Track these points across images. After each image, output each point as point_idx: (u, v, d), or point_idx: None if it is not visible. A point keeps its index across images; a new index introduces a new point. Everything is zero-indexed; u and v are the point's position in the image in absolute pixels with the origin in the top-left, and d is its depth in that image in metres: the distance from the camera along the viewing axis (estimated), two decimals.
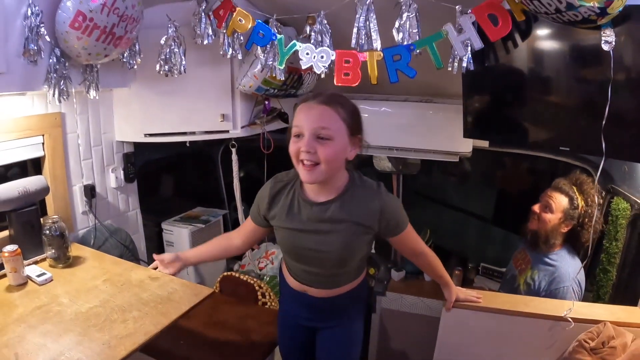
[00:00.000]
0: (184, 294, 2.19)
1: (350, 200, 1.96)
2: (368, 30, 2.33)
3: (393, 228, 2.02)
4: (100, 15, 2.15)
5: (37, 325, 1.92)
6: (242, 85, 2.93)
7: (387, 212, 1.95)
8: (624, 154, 2.47)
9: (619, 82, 2.16)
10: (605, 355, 2.53)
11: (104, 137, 3.02)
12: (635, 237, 2.97)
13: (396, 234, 2.04)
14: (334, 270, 2.11)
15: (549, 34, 2.36)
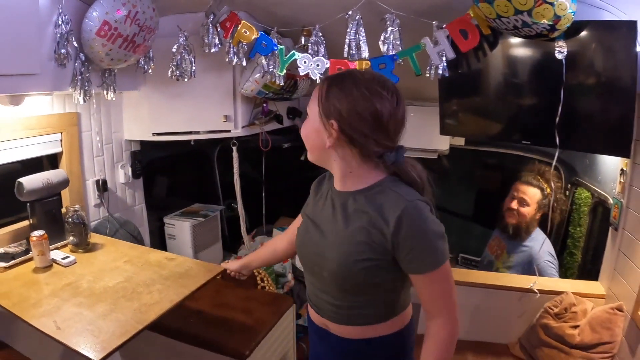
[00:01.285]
0: (199, 271, 2.36)
1: (373, 197, 1.64)
2: (358, 42, 2.59)
3: (411, 257, 1.57)
4: (124, 25, 2.36)
5: (70, 298, 2.06)
6: (245, 89, 3.15)
7: (406, 226, 1.54)
8: (575, 146, 2.79)
9: (571, 85, 2.50)
10: (568, 319, 2.84)
11: (114, 136, 3.22)
12: (596, 223, 3.28)
13: (415, 269, 1.60)
14: (339, 291, 1.74)
15: (512, 46, 2.69)
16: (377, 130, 1.58)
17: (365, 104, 1.57)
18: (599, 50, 2.50)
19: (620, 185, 2.87)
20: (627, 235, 2.77)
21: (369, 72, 1.70)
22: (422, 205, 1.58)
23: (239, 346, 2.50)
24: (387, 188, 1.64)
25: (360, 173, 1.68)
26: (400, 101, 1.62)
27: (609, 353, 2.76)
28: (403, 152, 1.65)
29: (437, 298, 1.64)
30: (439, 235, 1.58)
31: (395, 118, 1.60)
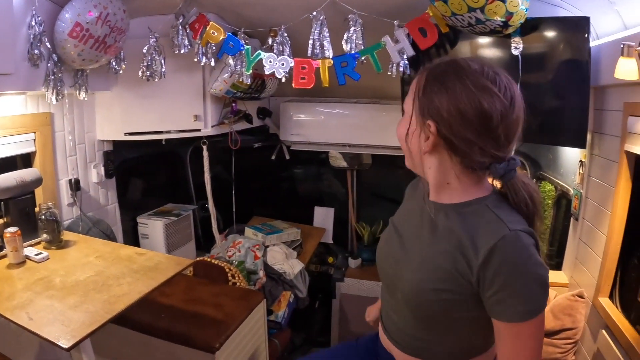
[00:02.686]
0: (169, 265, 2.41)
1: (467, 216, 1.39)
2: (321, 41, 2.68)
3: (497, 298, 1.29)
4: (95, 26, 2.42)
5: (42, 291, 2.10)
6: (214, 89, 3.22)
7: (500, 260, 1.27)
8: (533, 139, 2.88)
9: (527, 80, 2.58)
10: None
11: (87, 136, 3.26)
12: (560, 215, 3.36)
13: (499, 314, 1.31)
14: (411, 318, 1.52)
15: (471, 44, 2.78)
16: (483, 136, 1.31)
17: (470, 103, 1.30)
18: (554, 45, 2.61)
19: (579, 176, 2.96)
20: (587, 224, 2.86)
21: (477, 62, 1.37)
22: (527, 238, 1.29)
23: (209, 340, 2.54)
24: (487, 208, 1.37)
25: (459, 186, 1.42)
26: (515, 99, 1.33)
27: (572, 339, 2.83)
28: (515, 164, 1.36)
29: (518, 356, 1.32)
30: (540, 280, 1.29)
31: (507, 121, 1.30)
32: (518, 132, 1.36)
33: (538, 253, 1.31)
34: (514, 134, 1.34)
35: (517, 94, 1.34)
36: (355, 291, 4.34)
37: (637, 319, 2.38)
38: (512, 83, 1.35)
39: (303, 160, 5.15)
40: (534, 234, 1.33)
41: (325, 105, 4.15)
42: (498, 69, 1.35)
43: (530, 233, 1.31)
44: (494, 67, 1.36)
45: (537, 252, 1.31)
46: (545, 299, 1.31)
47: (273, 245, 4.08)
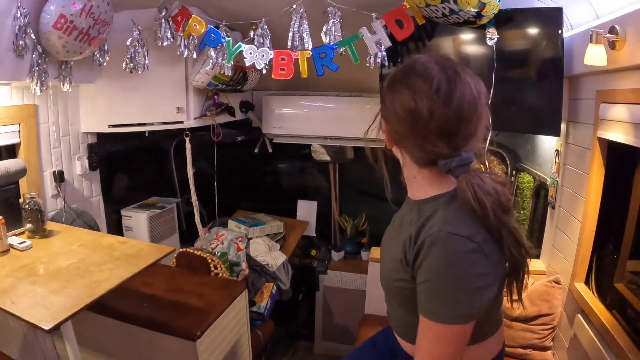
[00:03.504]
0: (150, 252, 2.44)
1: (425, 211, 1.41)
2: (301, 33, 2.72)
3: (420, 289, 1.33)
4: (79, 18, 2.45)
5: (25, 277, 2.13)
6: (196, 81, 3.26)
7: (425, 256, 1.30)
8: (507, 127, 2.94)
9: (503, 70, 2.63)
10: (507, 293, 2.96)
11: (71, 128, 3.28)
12: (539, 205, 3.40)
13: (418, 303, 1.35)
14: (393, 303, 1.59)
15: (448, 34, 2.83)
16: (415, 132, 1.35)
17: (401, 100, 1.35)
18: (528, 36, 2.66)
19: (555, 165, 3.01)
20: (563, 211, 2.91)
21: (431, 62, 1.38)
22: (458, 241, 1.27)
23: (190, 327, 2.57)
24: (441, 206, 1.39)
25: (423, 181, 1.45)
26: (453, 97, 1.31)
27: (549, 325, 2.87)
28: (462, 161, 1.34)
29: (421, 352, 1.34)
30: (460, 287, 1.27)
31: (440, 118, 1.30)
32: (465, 130, 1.34)
33: (482, 260, 1.28)
34: (454, 131, 1.33)
35: (458, 93, 1.31)
36: (338, 284, 4.39)
37: (613, 304, 2.42)
38: (460, 82, 1.33)
39: (286, 155, 5.20)
40: (474, 238, 1.28)
41: (307, 99, 4.21)
42: (452, 68, 1.35)
43: (469, 237, 1.27)
44: (448, 66, 1.36)
45: (474, 259, 1.28)
46: (461, 311, 1.28)
47: (256, 237, 4.12)
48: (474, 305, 1.28)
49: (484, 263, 1.29)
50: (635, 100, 2.05)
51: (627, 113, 2.10)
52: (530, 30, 2.63)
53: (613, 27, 2.02)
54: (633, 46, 1.95)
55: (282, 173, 5.56)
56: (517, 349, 2.90)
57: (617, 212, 2.45)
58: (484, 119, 1.39)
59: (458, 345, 1.31)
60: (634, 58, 1.96)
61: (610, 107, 2.26)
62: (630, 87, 2.10)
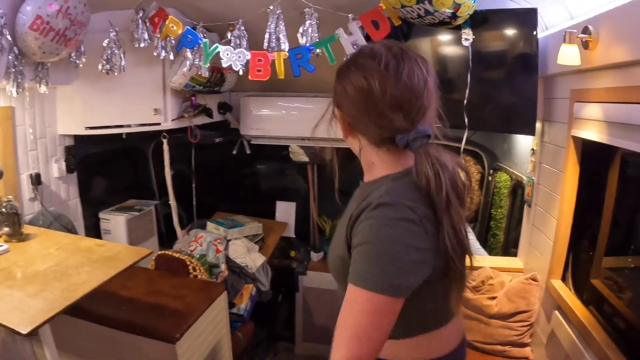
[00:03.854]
0: (127, 254, 2.43)
1: (370, 189, 1.38)
2: (277, 35, 2.73)
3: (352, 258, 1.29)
4: (55, 19, 2.42)
5: (2, 281, 2.10)
6: (173, 83, 3.26)
7: (357, 226, 1.30)
8: (483, 126, 2.96)
9: (478, 70, 2.66)
10: (485, 291, 2.97)
11: (48, 130, 3.25)
12: (516, 203, 3.44)
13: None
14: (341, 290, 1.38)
15: (424, 34, 2.85)
16: (369, 110, 1.33)
17: (352, 81, 1.35)
18: (503, 37, 2.70)
19: (531, 164, 3.05)
20: (539, 210, 2.95)
21: (376, 45, 1.42)
22: (392, 207, 1.26)
23: (169, 330, 2.56)
24: (386, 182, 1.37)
25: (381, 165, 1.43)
26: (402, 70, 1.31)
27: (527, 321, 2.90)
28: (422, 133, 1.32)
29: (343, 316, 1.27)
30: (393, 255, 1.22)
31: (392, 92, 1.30)
32: (418, 103, 1.33)
33: (420, 234, 1.25)
34: (408, 103, 1.32)
35: (407, 67, 1.32)
36: (318, 284, 4.40)
37: (589, 300, 2.46)
38: (402, 55, 1.34)
39: (265, 156, 5.21)
40: (416, 210, 1.26)
41: (285, 100, 4.21)
42: (397, 47, 1.37)
43: (407, 206, 1.26)
44: (393, 45, 1.38)
45: (413, 230, 1.24)
46: (394, 282, 1.21)
47: (235, 239, 4.11)
48: (406, 278, 1.22)
49: (423, 238, 1.26)
50: (609, 99, 2.08)
51: (600, 112, 2.13)
52: (505, 30, 2.67)
53: (586, 28, 2.05)
54: (606, 46, 1.98)
55: (261, 174, 5.56)
56: (496, 345, 2.93)
57: (592, 210, 2.49)
58: (435, 96, 1.40)
59: (381, 318, 1.22)
60: (607, 58, 1.99)
61: (584, 106, 2.30)
62: (603, 86, 2.14)
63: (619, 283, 2.38)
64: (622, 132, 1.98)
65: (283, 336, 4.82)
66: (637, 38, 1.77)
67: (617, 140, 2.02)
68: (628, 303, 2.24)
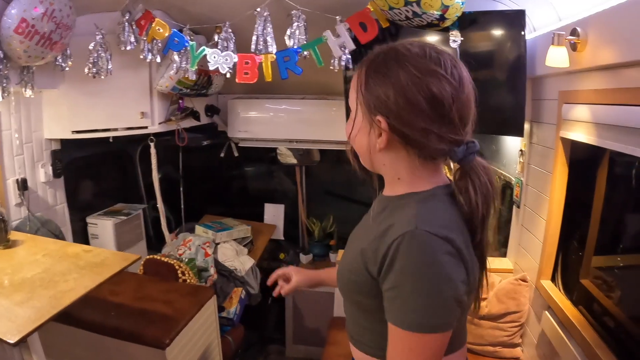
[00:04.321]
0: (115, 260, 2.39)
1: (396, 208, 1.31)
2: (265, 37, 2.72)
3: (387, 294, 1.21)
4: (41, 22, 2.40)
5: None
6: (160, 86, 3.25)
7: (393, 259, 1.17)
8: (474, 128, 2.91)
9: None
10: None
11: (34, 135, 3.21)
12: (505, 204, 3.45)
13: (386, 311, 1.22)
14: (347, 304, 1.46)
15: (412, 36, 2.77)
16: (438, 122, 1.21)
17: (418, 89, 1.20)
18: (491, 38, 2.70)
19: (520, 165, 3.06)
20: (528, 210, 2.96)
21: (417, 44, 1.27)
22: (431, 240, 1.15)
23: (159, 336, 2.55)
24: (414, 202, 1.27)
25: (413, 179, 1.32)
26: (463, 78, 1.23)
27: (517, 322, 2.92)
28: (475, 148, 1.25)
29: (393, 357, 1.22)
30: (430, 291, 1.14)
31: (459, 102, 1.21)
32: (472, 112, 1.26)
33: (459, 266, 1.18)
34: (468, 114, 1.25)
35: (464, 73, 1.25)
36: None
37: (579, 299, 2.48)
38: (457, 61, 1.26)
39: (253, 158, 5.22)
40: (455, 243, 1.17)
41: (272, 102, 4.20)
42: (439, 49, 1.26)
43: (446, 239, 1.16)
44: (435, 47, 1.27)
45: (450, 263, 1.16)
46: (442, 320, 1.16)
47: (223, 242, 4.10)
48: (451, 314, 1.17)
49: (461, 269, 1.19)
50: (597, 100, 2.09)
51: (589, 113, 2.13)
52: (494, 32, 2.68)
53: (575, 29, 2.05)
54: (594, 47, 1.99)
55: (249, 177, 5.57)
56: (487, 346, 2.94)
57: (581, 210, 2.50)
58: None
59: (433, 353, 1.18)
60: (595, 59, 1.99)
61: (572, 107, 2.30)
62: (592, 87, 2.15)
63: (608, 282, 2.39)
64: (610, 133, 1.99)
65: (274, 339, 4.82)
66: (625, 40, 1.78)
67: (606, 141, 2.02)
68: (617, 302, 2.26)
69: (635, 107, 1.80)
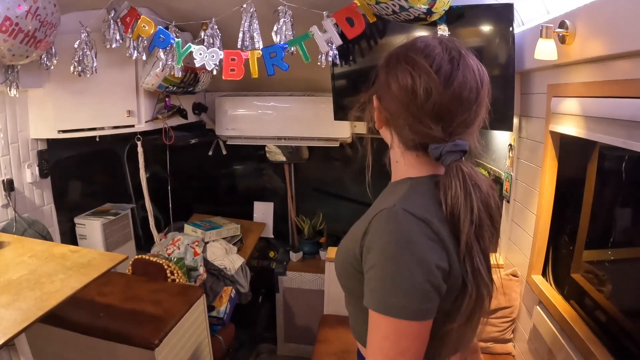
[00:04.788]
0: (102, 260, 2.37)
1: (389, 193, 1.34)
2: (251, 33, 2.69)
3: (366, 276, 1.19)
4: (25, 20, 2.35)
5: None
6: (146, 84, 3.21)
7: (370, 236, 1.18)
8: None
9: None
10: None
11: (20, 134, 3.18)
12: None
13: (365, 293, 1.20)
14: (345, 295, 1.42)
15: (399, 31, 2.82)
16: (408, 112, 1.24)
17: (397, 77, 1.25)
18: (479, 32, 2.70)
19: (509, 159, 3.05)
20: (518, 205, 2.96)
21: (432, 40, 1.29)
22: (407, 218, 1.15)
23: (148, 336, 2.54)
24: (408, 186, 1.28)
25: (407, 164, 1.33)
26: (454, 80, 1.20)
27: (509, 317, 2.91)
28: (458, 147, 1.22)
29: (371, 347, 1.18)
30: (402, 272, 1.12)
31: (437, 99, 1.20)
32: (462, 117, 1.23)
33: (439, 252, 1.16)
34: (453, 113, 1.22)
35: (460, 76, 1.21)
36: (297, 284, 4.38)
37: (570, 294, 2.47)
38: (463, 64, 1.23)
39: (241, 156, 5.20)
40: (433, 225, 1.16)
41: (260, 99, 4.19)
42: (451, 45, 1.26)
43: (424, 220, 1.15)
44: (452, 46, 1.26)
45: (426, 245, 1.14)
46: (416, 306, 1.12)
47: (213, 241, 4.09)
48: (426, 300, 1.13)
49: (440, 254, 1.16)
50: (586, 93, 2.08)
51: (578, 106, 2.13)
52: (482, 26, 2.67)
53: (563, 22, 2.04)
54: (583, 40, 1.98)
55: (238, 175, 5.55)
56: (478, 342, 2.92)
57: (572, 204, 2.50)
58: (484, 109, 1.31)
59: (405, 343, 1.13)
60: (584, 52, 1.99)
61: (561, 100, 2.30)
62: (580, 80, 2.14)
63: (599, 276, 2.39)
64: (599, 126, 1.98)
65: (265, 338, 4.80)
66: (614, 32, 1.77)
67: (595, 134, 2.02)
68: (608, 296, 2.25)
69: (624, 100, 1.79)
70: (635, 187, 2.24)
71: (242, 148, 4.58)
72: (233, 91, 4.40)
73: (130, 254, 3.99)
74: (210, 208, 4.87)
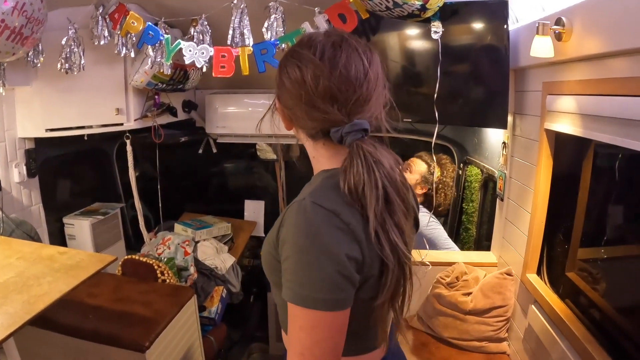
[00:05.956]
0: (90, 262, 2.32)
1: (305, 188, 1.36)
2: (242, 30, 2.66)
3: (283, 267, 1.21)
4: (11, 17, 2.31)
5: None
6: (135, 81, 3.17)
7: (284, 231, 1.21)
8: (454, 121, 2.94)
9: (448, 64, 2.63)
10: (460, 287, 2.96)
11: (7, 133, 3.14)
12: (488, 197, 3.45)
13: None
14: (272, 288, 1.42)
15: (393, 28, 2.82)
16: (302, 102, 1.26)
17: (288, 72, 1.30)
18: (473, 29, 2.67)
19: (503, 157, 3.04)
20: (512, 203, 2.94)
21: (315, 33, 1.35)
22: (315, 210, 1.17)
23: (138, 338, 2.50)
24: (322, 178, 1.32)
25: (320, 158, 1.39)
26: (337, 59, 1.24)
27: (503, 316, 2.90)
28: (357, 127, 1.24)
29: (292, 339, 1.19)
30: (311, 262, 1.14)
31: (325, 82, 1.23)
32: (355, 95, 1.25)
33: (349, 241, 1.17)
34: (344, 95, 1.24)
35: (344, 56, 1.25)
36: None
37: (565, 293, 2.46)
38: (346, 46, 1.28)
39: (232, 154, 5.19)
40: (342, 216, 1.17)
41: (251, 97, 4.14)
42: (338, 35, 1.31)
43: (333, 212, 1.17)
44: (334, 33, 1.33)
45: (335, 236, 1.16)
46: (327, 296, 1.14)
47: (203, 240, 4.06)
48: (336, 290, 1.15)
49: (350, 245, 1.17)
50: (582, 91, 2.07)
51: (574, 104, 2.11)
52: (476, 23, 2.65)
53: (559, 19, 2.03)
54: (580, 37, 1.97)
55: (228, 173, 5.53)
56: (473, 342, 2.91)
57: (566, 202, 2.48)
58: (379, 87, 1.31)
59: (321, 334, 1.16)
60: (581, 49, 1.97)
61: (557, 98, 2.28)
62: (576, 78, 2.13)
63: (594, 275, 2.38)
64: (595, 124, 1.97)
65: (256, 337, 4.78)
66: (611, 29, 1.76)
67: (591, 132, 2.01)
68: (603, 294, 2.24)
69: (620, 98, 1.78)
70: (629, 185, 2.24)
71: (232, 146, 4.56)
72: (223, 88, 4.36)
73: (120, 254, 3.95)
74: (201, 207, 4.86)
